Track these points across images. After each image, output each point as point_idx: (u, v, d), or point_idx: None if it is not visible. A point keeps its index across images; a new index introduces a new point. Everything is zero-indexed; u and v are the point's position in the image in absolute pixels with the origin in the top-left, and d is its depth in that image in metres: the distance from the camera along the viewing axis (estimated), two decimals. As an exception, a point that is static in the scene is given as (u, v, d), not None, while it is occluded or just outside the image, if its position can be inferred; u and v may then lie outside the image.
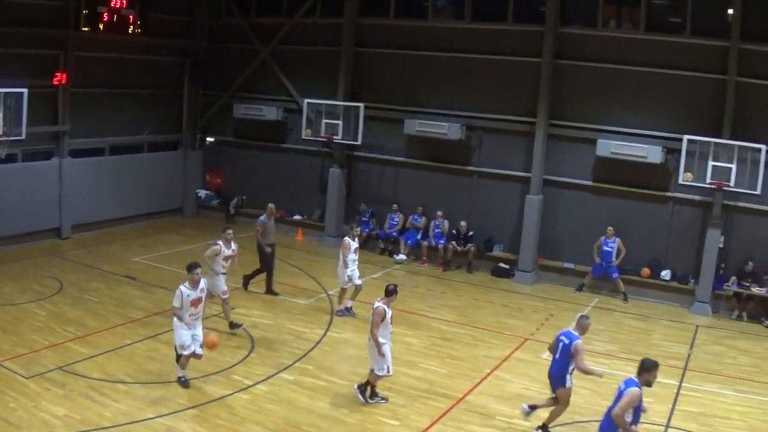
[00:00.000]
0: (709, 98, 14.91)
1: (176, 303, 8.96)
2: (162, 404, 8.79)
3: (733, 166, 14.34)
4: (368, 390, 9.14)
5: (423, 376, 10.10)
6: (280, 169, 19.19)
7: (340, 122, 17.32)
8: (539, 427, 8.55)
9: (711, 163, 14.45)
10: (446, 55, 16.93)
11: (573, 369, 8.17)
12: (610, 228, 15.50)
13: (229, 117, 19.56)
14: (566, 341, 8.15)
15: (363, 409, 9.07)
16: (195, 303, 9.01)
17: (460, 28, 16.90)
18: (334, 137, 17.41)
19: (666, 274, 15.69)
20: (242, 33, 19.13)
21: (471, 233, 16.59)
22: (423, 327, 12.37)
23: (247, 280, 13.45)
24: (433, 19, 17.30)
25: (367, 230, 17.58)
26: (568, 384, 8.24)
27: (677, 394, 10.47)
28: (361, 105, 17.19)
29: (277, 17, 18.68)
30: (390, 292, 9.00)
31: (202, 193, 20.19)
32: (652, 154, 15.19)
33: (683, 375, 11.40)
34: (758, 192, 14.20)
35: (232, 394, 9.23)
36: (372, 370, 9.06)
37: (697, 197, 15.35)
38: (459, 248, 16.58)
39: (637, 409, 6.76)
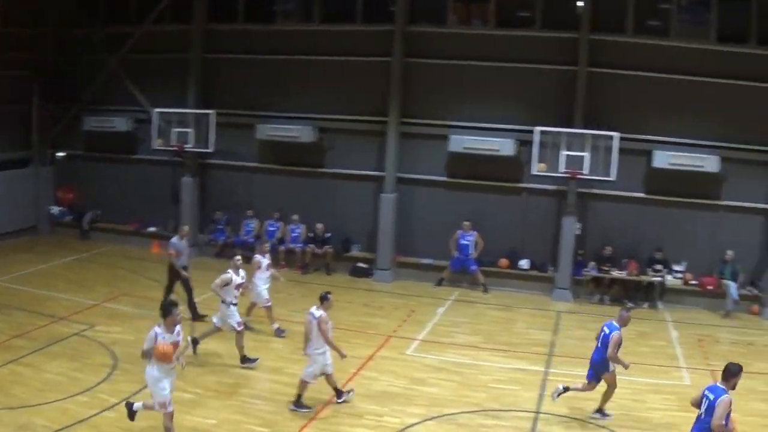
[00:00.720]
0: (560, 89, 15.22)
1: (146, 345, 7.43)
2: (29, 429, 8.19)
3: (587, 155, 14.57)
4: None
5: (290, 381, 9.73)
6: (133, 182, 18.37)
7: (191, 130, 16.76)
8: (596, 410, 9.23)
9: (564, 152, 14.64)
10: (296, 57, 16.71)
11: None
12: (466, 222, 15.45)
13: (78, 130, 18.69)
14: (607, 331, 8.97)
15: (231, 418, 8.77)
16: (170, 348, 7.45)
17: (309, 30, 16.76)
18: (185, 146, 16.79)
19: (524, 263, 15.68)
20: (91, 43, 18.42)
21: (328, 235, 16.22)
22: (287, 332, 11.99)
23: (192, 308, 12.34)
24: (281, 23, 17.12)
25: (222, 238, 16.92)
26: (611, 369, 8.96)
27: (544, 380, 10.54)
28: (212, 112, 16.68)
29: (126, 26, 18.08)
30: (323, 299, 9.02)
31: (55, 210, 19.17)
32: (505, 146, 15.28)
33: (549, 361, 11.43)
34: (612, 178, 14.43)
35: (98, 413, 8.70)
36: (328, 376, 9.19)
37: (551, 187, 15.50)
38: (317, 251, 16.07)
39: (728, 415, 6.88)
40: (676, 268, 15.57)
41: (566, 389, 9.28)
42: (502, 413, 9.36)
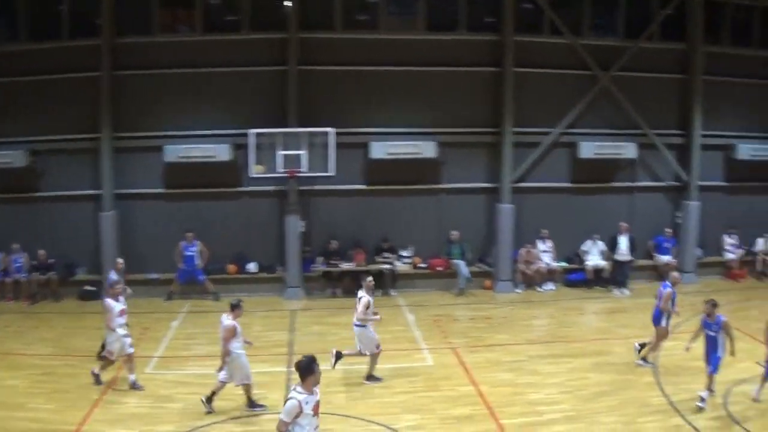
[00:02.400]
0: (273, 90, 15.46)
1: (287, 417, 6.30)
2: None
3: (304, 153, 14.78)
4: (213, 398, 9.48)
5: (34, 416, 9.43)
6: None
7: None
8: (639, 344, 11.52)
9: (281, 152, 14.72)
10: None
11: (668, 314, 11.17)
12: (188, 233, 15.26)
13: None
14: (661, 289, 11.15)
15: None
16: (315, 409, 6.44)
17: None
18: None
19: (252, 266, 15.74)
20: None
21: (51, 261, 15.54)
22: (23, 366, 11.46)
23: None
24: None
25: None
26: (662, 324, 11.15)
27: (288, 379, 10.60)
28: None
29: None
30: (234, 307, 9.46)
31: None
32: (221, 152, 15.24)
33: (290, 360, 11.51)
34: (332, 173, 14.66)
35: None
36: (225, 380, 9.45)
37: (272, 188, 15.64)
38: (42, 278, 15.46)
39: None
40: (404, 253, 16.17)
41: (642, 345, 11.66)
42: (252, 418, 9.52)
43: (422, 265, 16.35)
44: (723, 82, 17.59)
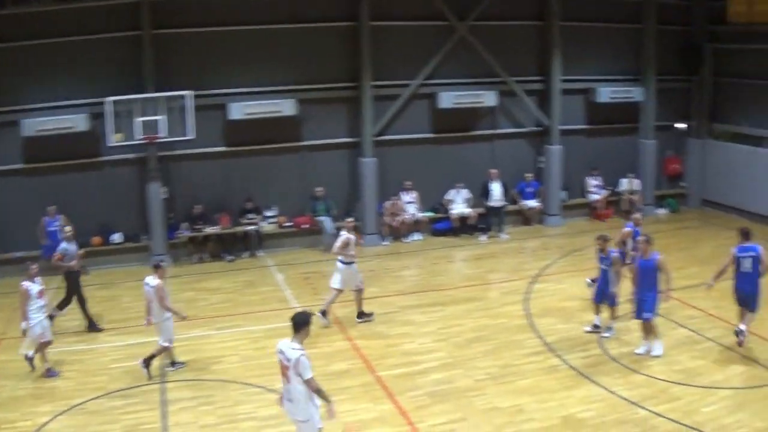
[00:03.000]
0: (128, 56, 18.18)
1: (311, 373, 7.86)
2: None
3: (162, 118, 17.89)
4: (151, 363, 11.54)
5: None
6: None
7: None
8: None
9: (139, 119, 17.92)
10: None
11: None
12: (50, 207, 17.70)
13: None
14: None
15: None
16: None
17: None
18: None
19: (117, 237, 18.72)
20: None
21: None
22: None
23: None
24: None
25: None
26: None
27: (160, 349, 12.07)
28: None
29: None
30: (158, 267, 11.74)
31: None
32: (79, 122, 17.94)
33: None
34: (191, 137, 18.00)
35: None
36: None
37: (132, 155, 18.64)
38: None
39: None
40: (269, 213, 19.61)
41: None
42: (128, 391, 11.21)
43: (288, 224, 19.73)
44: (580, 27, 21.79)
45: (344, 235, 13.82)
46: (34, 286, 11.67)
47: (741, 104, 22.91)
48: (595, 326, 13.26)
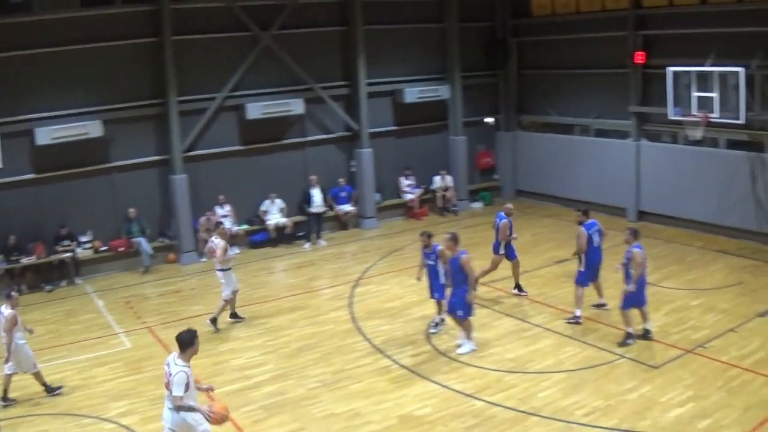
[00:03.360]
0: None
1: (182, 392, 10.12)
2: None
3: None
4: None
5: None
6: None
7: None
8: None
9: None
10: None
11: (505, 242, 17.72)
12: None
13: None
14: (497, 221, 17.45)
15: None
16: (195, 381, 10.73)
17: None
18: None
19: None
20: None
21: None
22: None
23: None
24: None
25: None
26: (500, 252, 18.13)
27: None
28: None
29: None
30: (10, 297, 13.89)
31: None
32: None
33: None
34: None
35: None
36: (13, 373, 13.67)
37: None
38: None
39: None
40: (84, 239, 23.28)
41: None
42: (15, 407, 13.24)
43: (104, 248, 23.31)
44: (384, 29, 27.43)
45: (217, 241, 16.80)
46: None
47: (547, 95, 29.54)
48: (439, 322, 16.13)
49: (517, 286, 18.46)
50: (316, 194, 24.97)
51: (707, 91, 21.14)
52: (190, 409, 9.93)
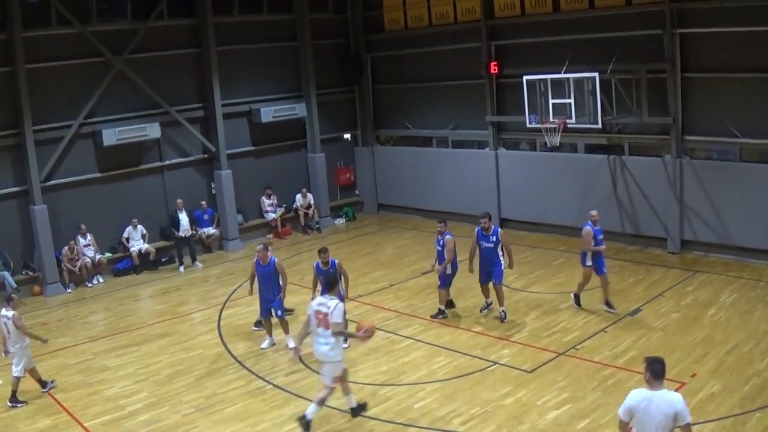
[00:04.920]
0: None
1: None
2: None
3: None
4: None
5: None
6: None
7: None
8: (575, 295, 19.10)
9: None
10: None
11: (590, 253, 18.70)
12: None
13: None
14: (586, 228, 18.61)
15: None
16: None
17: None
18: None
19: None
20: None
21: None
22: None
23: None
24: None
25: None
26: (588, 264, 19.01)
27: None
28: None
29: None
30: (9, 299, 15.56)
31: None
32: None
33: None
34: None
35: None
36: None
37: None
38: None
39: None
40: None
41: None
42: None
43: None
44: (237, 50, 29.73)
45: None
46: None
47: (404, 108, 32.26)
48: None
49: (607, 303, 19.09)
50: (183, 218, 26.35)
51: (563, 97, 22.57)
52: (349, 335, 13.16)
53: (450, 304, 19.56)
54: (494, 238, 18.17)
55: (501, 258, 18.31)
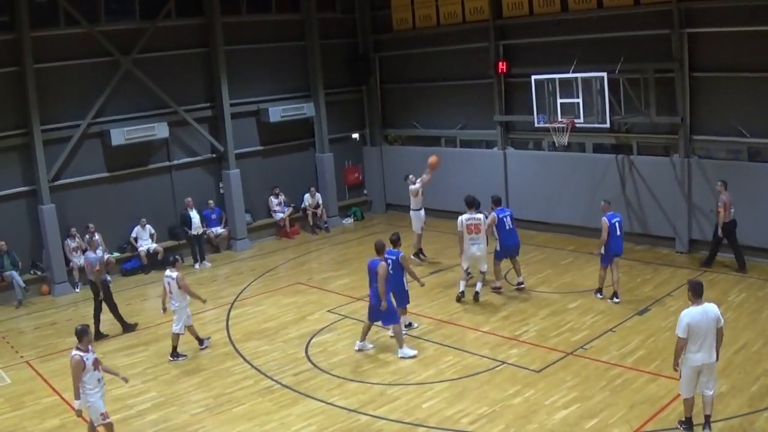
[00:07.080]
0: None
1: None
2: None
3: None
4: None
5: None
6: None
7: None
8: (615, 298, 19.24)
9: None
10: None
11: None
12: None
13: None
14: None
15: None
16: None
17: None
18: None
19: None
20: None
21: None
22: None
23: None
24: None
25: None
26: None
27: None
28: None
29: None
30: (174, 261, 18.28)
31: None
32: None
33: None
34: None
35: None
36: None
37: None
38: None
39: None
40: None
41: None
42: None
43: None
44: (246, 49, 29.86)
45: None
46: (88, 356, 12.46)
47: (412, 108, 32.33)
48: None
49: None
50: (194, 216, 26.63)
51: (571, 97, 22.63)
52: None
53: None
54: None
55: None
